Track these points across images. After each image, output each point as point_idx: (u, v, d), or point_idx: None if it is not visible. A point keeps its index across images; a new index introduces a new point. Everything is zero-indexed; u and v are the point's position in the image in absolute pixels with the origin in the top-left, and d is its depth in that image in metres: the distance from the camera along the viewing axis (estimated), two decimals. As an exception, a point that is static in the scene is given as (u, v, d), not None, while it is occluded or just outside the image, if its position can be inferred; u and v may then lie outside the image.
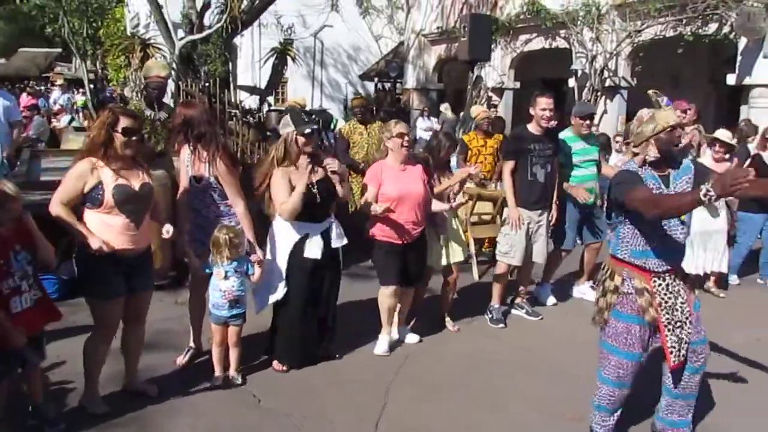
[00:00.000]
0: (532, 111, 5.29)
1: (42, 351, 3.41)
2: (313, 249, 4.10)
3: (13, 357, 3.18)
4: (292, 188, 4.01)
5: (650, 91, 3.27)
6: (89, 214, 3.40)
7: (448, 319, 5.16)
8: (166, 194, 5.31)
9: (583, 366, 4.44)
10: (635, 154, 3.26)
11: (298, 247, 4.11)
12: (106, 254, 3.35)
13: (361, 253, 4.64)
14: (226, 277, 3.89)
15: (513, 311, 5.60)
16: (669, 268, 3.19)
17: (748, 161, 6.68)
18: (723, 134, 5.97)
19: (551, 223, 5.47)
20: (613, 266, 3.30)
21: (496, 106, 13.19)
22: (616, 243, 3.27)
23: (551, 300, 5.89)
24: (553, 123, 5.25)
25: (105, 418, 3.54)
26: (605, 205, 3.45)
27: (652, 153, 3.13)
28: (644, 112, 3.20)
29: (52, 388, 3.81)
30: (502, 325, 5.30)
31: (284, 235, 4.15)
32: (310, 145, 4.08)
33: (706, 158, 5.95)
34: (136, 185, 3.46)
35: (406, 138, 4.51)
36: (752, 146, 7.50)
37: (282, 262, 4.13)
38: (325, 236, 4.17)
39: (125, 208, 3.41)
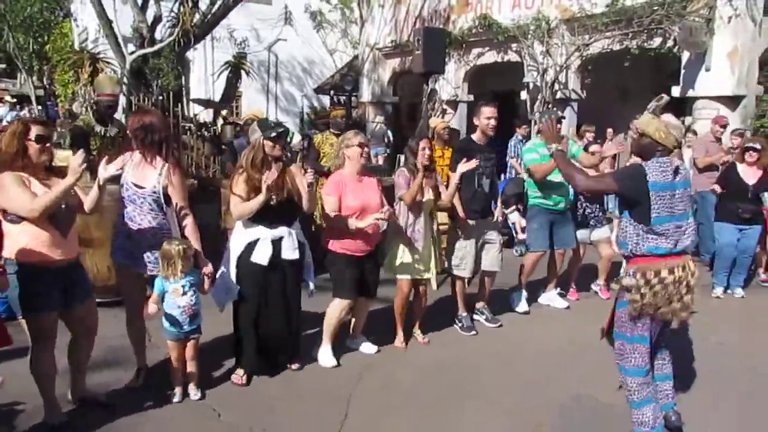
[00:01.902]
0: (476, 121, 5.41)
1: None
2: (260, 255, 4.10)
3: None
4: (251, 191, 4.02)
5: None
6: (12, 227, 3.31)
7: (418, 331, 5.18)
8: (118, 209, 5.20)
9: (543, 371, 4.51)
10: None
11: (248, 251, 4.11)
12: (39, 268, 3.30)
13: (319, 264, 4.62)
14: (183, 293, 3.83)
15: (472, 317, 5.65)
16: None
17: (721, 171, 6.88)
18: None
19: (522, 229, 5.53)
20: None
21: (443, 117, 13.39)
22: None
23: (523, 307, 5.93)
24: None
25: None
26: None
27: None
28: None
29: (4, 409, 3.70)
30: (474, 332, 5.35)
31: (238, 237, 4.17)
32: (276, 148, 4.12)
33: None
34: None
35: (366, 149, 4.55)
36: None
37: (233, 262, 4.14)
38: (278, 245, 4.15)
39: (55, 218, 3.34)
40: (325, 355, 4.61)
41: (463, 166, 4.94)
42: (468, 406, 4.03)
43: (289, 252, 4.18)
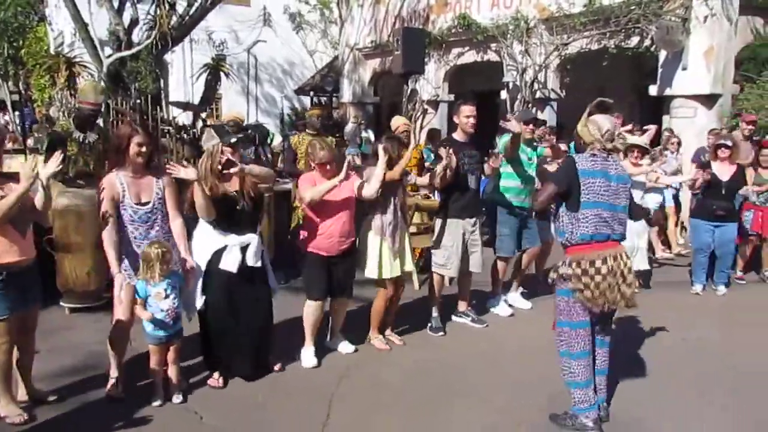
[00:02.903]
0: (456, 120, 5.44)
1: None
2: (229, 262, 4.09)
3: None
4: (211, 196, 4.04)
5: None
6: None
7: (390, 333, 5.16)
8: (96, 215, 5.15)
9: (525, 371, 4.53)
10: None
11: (216, 258, 4.10)
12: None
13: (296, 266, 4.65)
14: (166, 296, 3.82)
15: (457, 320, 5.66)
16: None
17: (695, 171, 6.88)
18: (639, 140, 6.33)
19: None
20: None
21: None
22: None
23: (505, 311, 5.92)
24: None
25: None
26: None
27: None
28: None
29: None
30: (441, 333, 5.35)
31: (204, 243, 4.15)
32: (235, 154, 4.14)
33: (625, 162, 6.17)
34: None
35: (331, 165, 4.51)
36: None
37: (200, 270, 4.11)
38: (244, 252, 4.15)
39: (13, 219, 3.38)
40: (307, 356, 4.61)
41: (444, 152, 4.98)
42: (452, 404, 4.04)
43: (253, 259, 4.19)
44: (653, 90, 10.12)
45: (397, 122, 7.23)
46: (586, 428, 3.61)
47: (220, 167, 4.08)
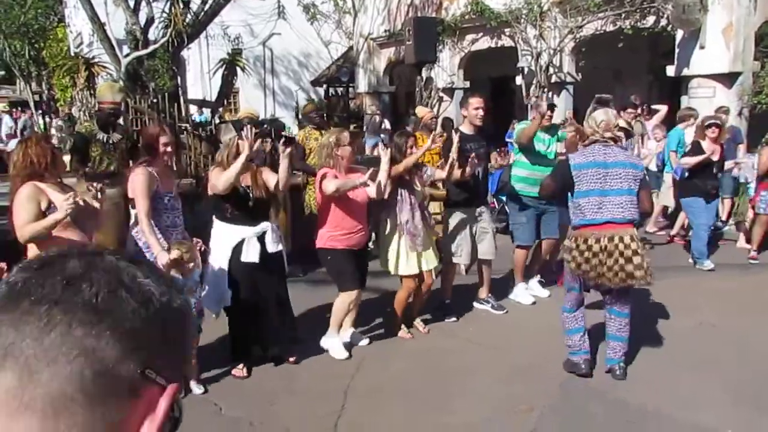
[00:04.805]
0: (464, 112, 5.45)
1: None
2: (250, 253, 4.20)
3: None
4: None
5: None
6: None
7: (419, 322, 5.24)
8: (118, 213, 5.30)
9: (541, 357, 4.58)
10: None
11: (236, 252, 4.20)
12: None
13: (314, 259, 4.72)
14: (194, 291, 4.01)
15: (478, 306, 5.71)
16: None
17: (689, 148, 6.94)
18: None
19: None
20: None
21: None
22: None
23: (528, 299, 5.92)
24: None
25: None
26: None
27: None
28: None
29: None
30: (453, 319, 5.42)
31: (222, 240, 4.26)
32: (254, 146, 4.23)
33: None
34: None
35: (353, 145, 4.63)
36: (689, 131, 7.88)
37: (223, 268, 4.23)
38: (262, 240, 4.27)
39: (77, 222, 3.53)
40: (338, 348, 4.67)
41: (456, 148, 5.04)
42: (467, 389, 4.11)
43: (273, 245, 4.32)
44: (670, 70, 9.97)
45: (422, 112, 7.24)
46: (577, 366, 4.23)
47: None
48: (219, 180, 4.11)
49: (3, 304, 0.62)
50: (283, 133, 5.94)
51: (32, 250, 3.47)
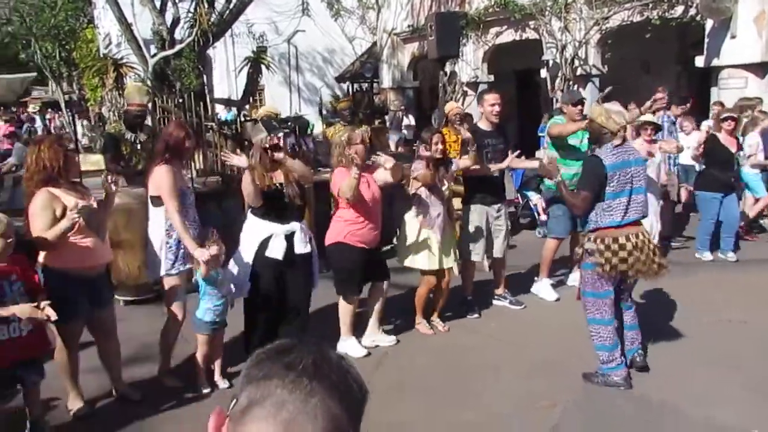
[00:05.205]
0: (480, 109, 5.45)
1: (41, 370, 3.53)
2: (276, 249, 4.24)
3: (10, 377, 3.30)
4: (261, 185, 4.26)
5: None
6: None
7: (437, 320, 5.25)
8: (145, 211, 5.39)
9: (563, 353, 4.56)
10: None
11: (263, 246, 4.26)
12: (74, 274, 3.57)
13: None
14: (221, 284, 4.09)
15: (495, 302, 5.70)
16: None
17: (704, 139, 6.96)
18: (652, 117, 6.43)
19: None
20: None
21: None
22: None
23: (551, 295, 5.87)
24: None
25: (94, 428, 3.64)
26: None
27: None
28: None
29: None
30: (476, 315, 5.42)
31: (252, 233, 4.33)
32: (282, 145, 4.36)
33: (638, 140, 6.17)
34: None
35: (367, 143, 4.65)
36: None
37: (248, 259, 4.30)
38: (290, 240, 4.29)
39: (89, 223, 3.62)
40: (353, 346, 4.71)
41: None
42: (486, 385, 4.14)
43: (301, 246, 4.35)
44: (699, 61, 9.79)
45: (450, 106, 7.25)
46: (618, 384, 4.01)
47: (269, 155, 4.27)
48: (245, 191, 4.23)
49: (276, 371, 0.87)
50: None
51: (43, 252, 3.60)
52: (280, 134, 4.39)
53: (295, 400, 0.84)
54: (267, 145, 4.25)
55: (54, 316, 3.23)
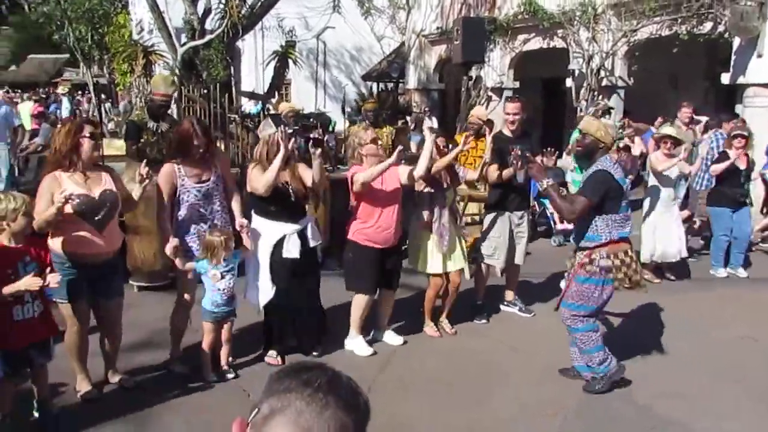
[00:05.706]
0: (503, 116, 5.47)
1: (49, 352, 3.60)
2: (292, 249, 4.32)
3: (19, 359, 3.40)
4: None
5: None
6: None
7: (445, 322, 5.29)
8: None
9: (568, 360, 4.58)
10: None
11: (278, 248, 4.32)
12: (72, 259, 3.61)
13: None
14: (222, 277, 4.13)
15: (505, 309, 5.74)
16: None
17: (717, 157, 7.18)
18: (671, 131, 6.49)
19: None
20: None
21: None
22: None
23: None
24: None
25: (101, 415, 3.74)
26: None
27: None
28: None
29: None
30: (485, 321, 5.46)
31: (263, 237, 4.37)
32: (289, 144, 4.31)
33: (657, 153, 6.34)
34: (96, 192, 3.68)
35: (380, 143, 4.69)
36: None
37: (264, 264, 4.34)
38: (302, 236, 4.38)
39: (83, 215, 3.61)
40: (360, 345, 4.78)
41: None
42: (492, 391, 4.18)
43: (313, 240, 4.47)
44: (725, 78, 9.70)
45: (477, 112, 7.32)
46: (617, 371, 4.12)
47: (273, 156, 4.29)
48: (259, 182, 4.23)
49: (295, 386, 1.02)
50: (311, 135, 6.04)
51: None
52: (290, 131, 4.43)
53: (311, 411, 0.99)
54: (309, 137, 4.34)
55: (54, 283, 3.28)
